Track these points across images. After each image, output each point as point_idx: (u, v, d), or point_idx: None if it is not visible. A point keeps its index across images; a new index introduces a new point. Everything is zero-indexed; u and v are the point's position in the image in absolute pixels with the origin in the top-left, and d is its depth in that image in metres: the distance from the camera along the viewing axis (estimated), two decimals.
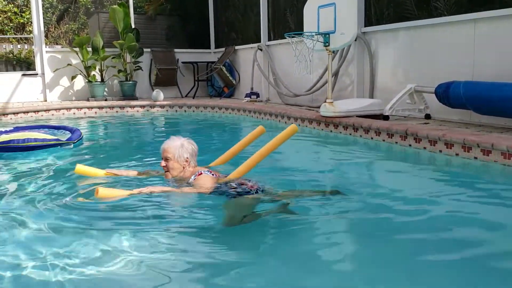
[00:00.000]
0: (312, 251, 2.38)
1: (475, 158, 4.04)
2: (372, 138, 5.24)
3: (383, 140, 5.07)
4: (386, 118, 5.58)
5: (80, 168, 3.57)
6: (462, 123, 5.20)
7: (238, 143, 4.01)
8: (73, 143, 5.19)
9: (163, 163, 3.36)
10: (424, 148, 4.57)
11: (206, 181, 3.19)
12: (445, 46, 5.59)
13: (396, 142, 4.90)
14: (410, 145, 4.74)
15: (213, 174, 3.31)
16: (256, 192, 3.12)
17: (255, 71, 9.60)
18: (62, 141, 5.10)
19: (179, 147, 3.34)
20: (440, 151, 4.39)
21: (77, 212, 2.85)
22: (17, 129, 5.83)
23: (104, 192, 2.98)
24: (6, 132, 5.52)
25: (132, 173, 3.66)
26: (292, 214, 2.86)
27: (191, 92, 11.09)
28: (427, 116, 5.66)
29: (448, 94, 5.02)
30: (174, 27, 12.00)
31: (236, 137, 4.26)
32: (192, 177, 3.27)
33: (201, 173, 3.26)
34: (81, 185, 3.42)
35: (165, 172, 3.38)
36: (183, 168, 3.36)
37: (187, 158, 3.36)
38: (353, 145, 5.32)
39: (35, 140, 4.85)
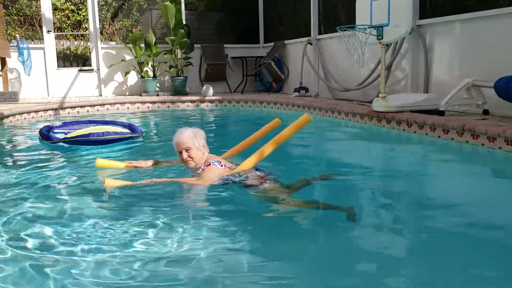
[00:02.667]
0: (359, 249, 2.34)
1: None
2: (426, 134, 5.09)
3: (439, 136, 4.91)
4: (441, 113, 5.40)
5: (101, 162, 3.72)
6: None
7: (253, 134, 4.01)
8: (142, 136, 5.35)
9: (184, 155, 3.36)
10: (482, 144, 4.39)
11: (214, 172, 3.23)
12: (506, 38, 5.33)
13: (452, 139, 4.74)
14: (467, 142, 4.57)
15: (221, 165, 3.32)
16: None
17: (304, 65, 9.53)
18: (135, 134, 5.26)
19: (194, 136, 3.39)
20: (500, 147, 4.20)
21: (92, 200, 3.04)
22: (65, 124, 5.95)
23: (110, 182, 3.19)
24: (57, 127, 5.70)
25: (150, 162, 3.76)
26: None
27: (240, 87, 11.16)
28: (485, 112, 5.43)
29: (509, 88, 4.80)
30: (224, 22, 12.09)
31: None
32: (202, 167, 3.33)
33: (210, 164, 3.29)
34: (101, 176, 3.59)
35: (188, 161, 3.39)
36: (203, 154, 3.41)
37: (204, 144, 3.42)
38: (406, 141, 5.19)
39: (115, 133, 5.02)
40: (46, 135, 5.14)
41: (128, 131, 5.26)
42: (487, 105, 5.44)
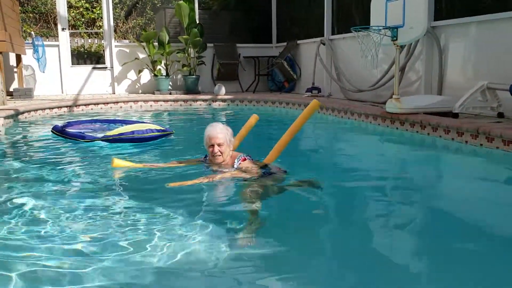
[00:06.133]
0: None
1: None
2: (440, 136, 5.06)
3: (452, 139, 4.88)
4: (455, 116, 5.37)
5: (117, 162, 3.67)
6: None
7: (237, 134, 3.95)
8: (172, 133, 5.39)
9: (216, 149, 3.39)
10: (497, 147, 4.36)
11: (253, 166, 3.33)
12: None
13: (466, 141, 4.71)
14: (481, 145, 4.54)
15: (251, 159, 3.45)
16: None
17: (317, 65, 9.52)
18: (169, 131, 5.29)
19: (226, 132, 3.44)
20: None
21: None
22: (70, 123, 5.98)
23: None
24: (67, 126, 5.73)
25: (172, 164, 3.76)
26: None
27: (252, 87, 11.17)
28: (500, 115, 5.39)
29: None
30: (237, 21, 12.11)
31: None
32: (236, 162, 3.38)
33: (245, 159, 3.39)
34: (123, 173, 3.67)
35: (218, 156, 3.41)
36: (230, 150, 3.48)
37: (233, 140, 3.51)
38: (419, 143, 5.17)
39: (157, 130, 5.07)
40: (78, 134, 5.14)
41: (162, 128, 5.28)
42: (502, 108, 5.39)
